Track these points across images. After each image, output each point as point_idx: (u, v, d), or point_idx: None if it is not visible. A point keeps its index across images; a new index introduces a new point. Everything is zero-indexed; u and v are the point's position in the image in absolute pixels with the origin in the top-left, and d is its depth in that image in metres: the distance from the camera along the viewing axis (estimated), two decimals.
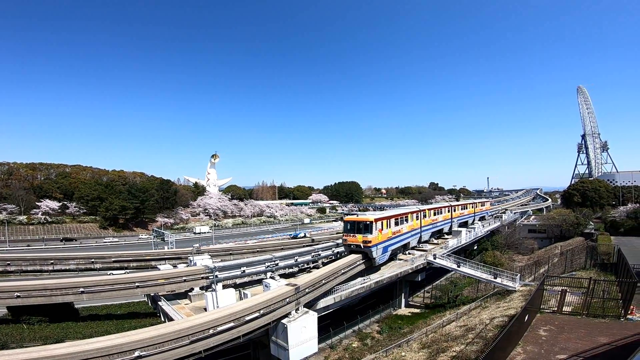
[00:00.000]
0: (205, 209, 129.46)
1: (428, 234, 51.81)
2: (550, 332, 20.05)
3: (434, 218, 53.89)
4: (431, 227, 52.55)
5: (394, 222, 40.32)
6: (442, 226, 57.87)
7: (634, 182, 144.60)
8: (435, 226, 54.08)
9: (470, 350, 19.72)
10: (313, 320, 24.78)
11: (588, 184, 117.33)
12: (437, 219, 54.98)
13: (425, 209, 51.55)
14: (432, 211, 53.74)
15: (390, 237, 38.87)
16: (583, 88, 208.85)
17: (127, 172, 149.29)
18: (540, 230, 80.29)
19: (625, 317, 21.99)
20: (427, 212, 51.43)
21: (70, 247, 77.87)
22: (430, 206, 56.80)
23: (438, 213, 55.83)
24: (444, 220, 58.42)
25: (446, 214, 59.42)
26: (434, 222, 53.69)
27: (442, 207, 58.66)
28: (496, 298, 32.55)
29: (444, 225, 58.26)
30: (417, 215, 47.63)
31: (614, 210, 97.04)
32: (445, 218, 58.68)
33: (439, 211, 56.32)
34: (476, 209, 76.98)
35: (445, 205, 62.01)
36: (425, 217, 50.37)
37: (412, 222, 45.72)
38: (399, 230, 41.60)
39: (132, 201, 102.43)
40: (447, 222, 59.80)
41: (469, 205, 73.39)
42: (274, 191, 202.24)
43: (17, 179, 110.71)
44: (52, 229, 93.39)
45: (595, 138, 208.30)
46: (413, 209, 48.29)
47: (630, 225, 71.88)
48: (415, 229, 47.06)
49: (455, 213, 62.95)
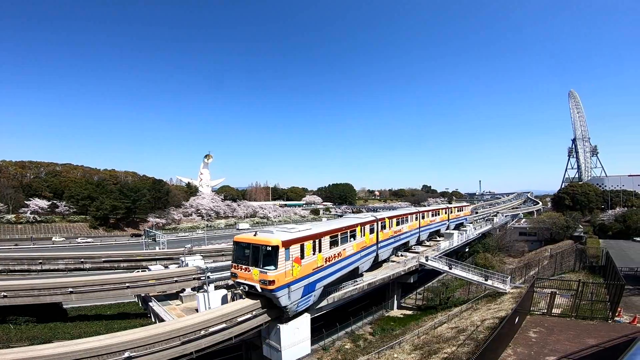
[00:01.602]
0: (197, 209, 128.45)
1: (388, 250, 40.32)
2: (540, 334, 20.29)
3: (397, 229, 42.82)
4: (392, 241, 41.51)
5: (329, 241, 27.62)
6: (407, 239, 46.62)
7: (622, 187, 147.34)
8: (398, 239, 43.16)
9: (461, 352, 19.87)
10: (306, 321, 24.75)
11: (578, 187, 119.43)
12: (400, 230, 43.76)
13: (385, 217, 39.93)
14: (395, 220, 42.28)
15: (320, 268, 25.98)
16: (574, 92, 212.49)
17: (118, 171, 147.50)
18: (530, 233, 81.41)
19: (613, 319, 22.35)
20: (388, 222, 40.09)
21: (59, 246, 76.60)
22: (392, 213, 44.00)
23: (402, 222, 44.74)
24: (410, 231, 47.34)
25: (413, 222, 48.29)
26: (396, 235, 42.55)
27: (407, 215, 46.51)
28: (487, 300, 32.85)
29: (409, 237, 47.18)
30: (371, 226, 36.03)
31: (603, 213, 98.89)
32: (411, 228, 47.70)
33: (403, 219, 44.98)
34: (451, 214, 66.55)
35: (411, 211, 49.17)
36: (385, 229, 39.28)
37: (362, 237, 33.75)
38: (339, 253, 29.06)
39: (124, 201, 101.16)
40: (413, 233, 48.72)
41: (442, 210, 62.93)
42: (267, 192, 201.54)
43: (6, 177, 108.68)
44: (41, 228, 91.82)
45: (585, 142, 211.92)
46: (365, 219, 35.78)
47: (618, 229, 73.32)
48: (367, 246, 35.12)
49: (424, 221, 52.58)
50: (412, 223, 47.72)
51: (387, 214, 42.37)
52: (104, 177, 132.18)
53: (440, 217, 61.08)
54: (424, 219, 52.59)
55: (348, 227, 31.30)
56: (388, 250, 40.38)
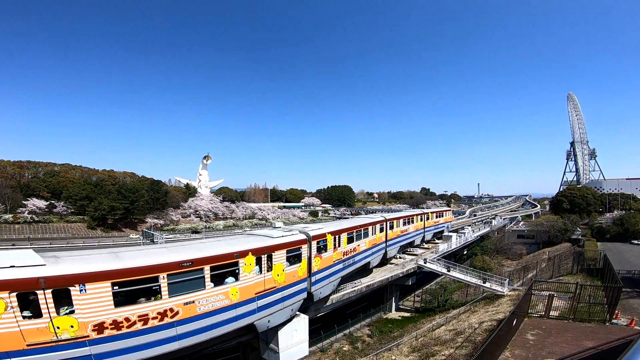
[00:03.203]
0: (196, 210, 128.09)
1: (329, 286, 26.27)
2: (537, 336, 20.31)
3: (351, 247, 29.49)
4: (341, 268, 27.86)
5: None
6: (367, 259, 34.45)
7: (620, 190, 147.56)
8: (350, 264, 29.63)
9: (459, 354, 19.88)
10: (304, 323, 24.69)
11: (576, 190, 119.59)
12: (356, 249, 30.66)
13: (334, 230, 26.89)
14: (345, 234, 28.64)
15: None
16: (573, 95, 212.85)
17: (117, 172, 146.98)
18: (529, 236, 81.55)
19: (611, 321, 22.40)
20: (334, 238, 26.65)
21: (59, 246, 76.29)
22: (345, 224, 30.93)
23: (360, 236, 32.03)
24: (373, 247, 35.48)
25: (376, 235, 36.07)
26: (348, 257, 29.02)
27: (366, 225, 33.80)
28: (485, 302, 32.89)
29: (371, 256, 35.11)
30: (308, 247, 23.16)
31: (601, 216, 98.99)
32: (374, 243, 35.61)
33: (361, 233, 32.35)
34: (427, 222, 55.22)
35: (374, 220, 36.64)
36: (337, 247, 27.07)
37: (279, 269, 20.50)
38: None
39: (122, 201, 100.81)
40: (377, 250, 36.73)
41: (415, 217, 51.00)
42: (266, 194, 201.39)
43: (4, 177, 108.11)
44: (39, 228, 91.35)
45: (583, 145, 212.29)
46: (295, 238, 22.23)
47: (616, 232, 73.51)
48: (295, 282, 22.13)
49: (393, 232, 41.59)
50: (373, 237, 35.60)
51: (336, 225, 29.78)
52: (103, 177, 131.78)
53: (415, 225, 50.98)
54: (393, 230, 41.99)
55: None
56: (328, 286, 26.88)
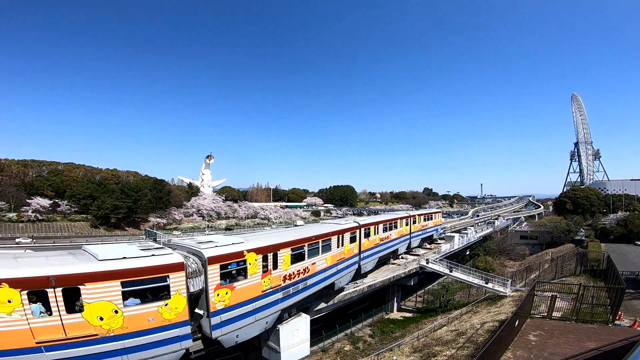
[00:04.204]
0: (198, 209, 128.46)
1: (252, 328, 19.44)
2: (539, 337, 20.23)
3: (300, 268, 22.84)
4: (274, 301, 20.72)
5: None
6: (331, 279, 27.11)
7: (624, 191, 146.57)
8: (297, 291, 22.75)
9: (461, 355, 19.84)
10: (305, 323, 24.72)
11: (580, 191, 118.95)
12: (307, 270, 23.65)
13: (264, 245, 20.15)
14: (285, 250, 21.70)
15: None
16: (577, 95, 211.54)
17: (120, 171, 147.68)
18: (531, 237, 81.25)
19: (613, 322, 22.27)
20: (267, 256, 20.15)
21: (61, 245, 76.75)
22: (288, 234, 23.44)
23: (316, 251, 24.75)
24: (340, 263, 28.25)
25: (344, 247, 28.73)
26: (293, 282, 22.29)
27: (327, 235, 26.40)
28: (487, 303, 32.79)
29: (336, 275, 27.89)
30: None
31: (605, 217, 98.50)
32: (340, 257, 28.17)
33: (318, 245, 25.06)
34: (413, 226, 47.22)
35: (341, 227, 28.89)
36: (271, 269, 20.33)
37: None
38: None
39: (125, 200, 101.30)
40: (346, 266, 29.45)
41: (399, 221, 42.75)
42: (268, 193, 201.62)
43: (8, 175, 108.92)
44: (43, 227, 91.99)
45: (587, 146, 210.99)
46: None
47: (620, 233, 73.09)
48: None
49: (370, 240, 33.75)
50: (337, 252, 27.73)
51: (287, 234, 23.39)
52: (106, 176, 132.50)
53: (399, 230, 42.69)
54: (369, 238, 33.50)
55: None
56: (268, 321, 20.83)
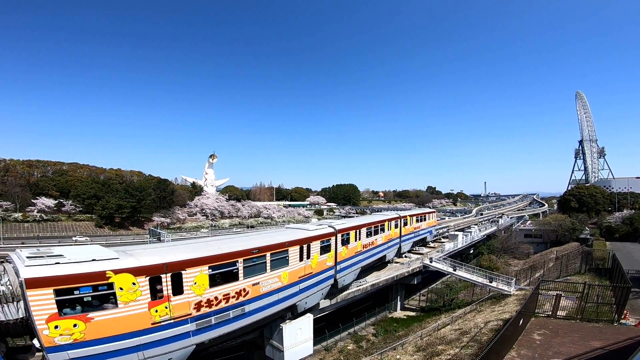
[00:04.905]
0: (202, 209, 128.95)
1: (170, 357, 14.40)
2: (544, 336, 20.13)
3: (237, 288, 17.41)
4: (213, 324, 16.12)
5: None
6: (285, 301, 21.64)
7: (629, 189, 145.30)
8: (234, 319, 17.46)
9: (464, 354, 19.77)
10: (309, 322, 24.72)
11: (584, 189, 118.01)
12: (246, 292, 17.96)
13: (180, 260, 14.88)
14: (236, 264, 17.39)
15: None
16: (581, 93, 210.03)
17: (124, 170, 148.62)
18: (536, 235, 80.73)
19: (619, 321, 22.13)
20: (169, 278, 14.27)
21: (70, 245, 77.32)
22: (229, 244, 18.27)
23: (262, 267, 19.31)
24: (305, 281, 23.22)
25: (312, 258, 23.92)
26: (228, 303, 16.97)
27: (282, 245, 21.10)
28: (491, 302, 32.65)
29: (298, 295, 22.75)
30: None
31: (610, 216, 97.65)
32: (304, 273, 23.06)
33: (278, 257, 20.62)
34: (405, 228, 42.78)
35: (309, 235, 24.10)
36: (171, 295, 14.37)
37: None
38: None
39: (129, 200, 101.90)
40: (315, 282, 24.57)
41: (387, 224, 37.82)
42: (271, 192, 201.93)
43: (13, 175, 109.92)
44: (48, 227, 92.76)
45: (592, 144, 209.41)
46: None
47: (625, 231, 72.41)
48: None
49: (348, 248, 28.80)
50: (299, 268, 22.47)
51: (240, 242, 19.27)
52: (110, 176, 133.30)
53: (387, 234, 38.06)
54: (348, 245, 28.76)
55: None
56: None
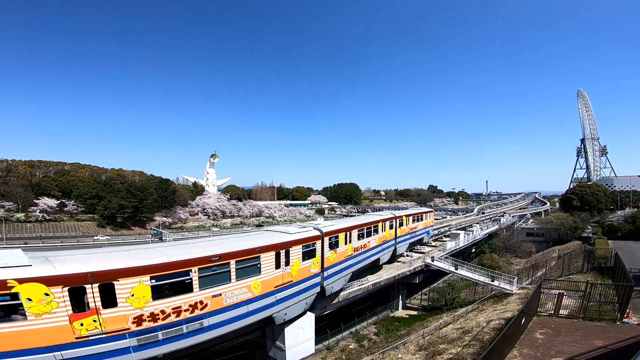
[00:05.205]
0: (203, 208, 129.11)
1: None
2: (546, 335, 20.07)
3: (191, 300, 15.54)
4: (160, 340, 14.57)
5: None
6: (257, 313, 19.26)
7: (632, 187, 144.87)
8: (188, 334, 15.59)
9: (466, 353, 19.74)
10: (310, 321, 24.79)
11: (586, 188, 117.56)
12: (204, 305, 16.04)
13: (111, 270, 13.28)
14: (189, 274, 15.48)
15: None
16: (583, 92, 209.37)
17: (126, 170, 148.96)
18: (538, 234, 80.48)
19: (621, 320, 22.04)
20: None
21: (69, 245, 77.64)
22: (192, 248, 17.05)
23: (220, 278, 16.95)
24: (275, 293, 20.41)
25: (291, 266, 21.72)
26: (180, 317, 15.13)
27: (269, 248, 19.96)
28: (493, 301, 32.59)
29: (269, 309, 20.15)
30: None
31: (612, 214, 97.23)
32: (276, 285, 20.45)
33: (232, 271, 17.48)
34: (400, 229, 40.46)
35: (290, 238, 21.97)
36: None
37: None
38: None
39: (131, 200, 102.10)
40: (291, 294, 21.98)
41: (382, 224, 35.89)
42: (272, 192, 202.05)
43: (16, 176, 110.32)
44: (50, 227, 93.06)
45: (594, 142, 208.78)
46: None
47: (628, 230, 72.01)
48: None
49: (337, 253, 27.06)
50: (270, 276, 20.01)
51: None
52: (112, 176, 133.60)
53: (381, 235, 35.86)
54: (337, 249, 26.97)
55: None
56: None
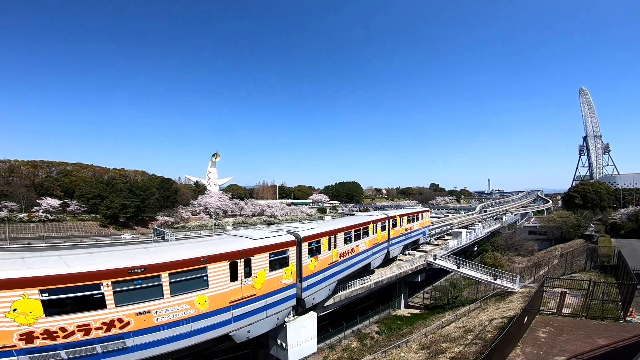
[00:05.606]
0: (205, 208, 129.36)
1: None
2: (549, 334, 20.03)
3: (105, 318, 12.93)
4: None
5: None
6: (199, 334, 16.05)
7: (635, 185, 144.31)
8: None
9: (469, 352, 19.73)
10: (312, 320, 24.78)
11: (589, 186, 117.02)
12: (125, 323, 13.41)
13: None
14: (100, 287, 12.82)
15: None
16: (585, 90, 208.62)
17: (128, 170, 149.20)
18: (540, 232, 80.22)
19: (624, 319, 21.96)
20: None
21: (73, 244, 77.94)
22: None
23: (152, 293, 14.24)
24: (232, 309, 17.40)
25: (258, 273, 18.86)
26: (81, 337, 12.46)
27: (222, 256, 16.99)
28: (496, 299, 32.55)
29: (223, 327, 17.12)
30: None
31: (615, 212, 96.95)
32: (232, 300, 17.41)
33: (164, 285, 14.53)
34: (393, 230, 38.08)
35: (256, 245, 19.03)
36: None
37: None
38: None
39: (133, 200, 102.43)
40: (250, 312, 18.59)
41: (372, 226, 33.18)
42: (274, 191, 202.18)
43: (18, 176, 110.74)
44: (53, 227, 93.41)
45: (597, 140, 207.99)
46: None
47: (631, 228, 71.66)
48: None
49: (319, 260, 24.62)
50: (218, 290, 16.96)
51: None
52: (114, 176, 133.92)
53: (372, 238, 33.20)
54: (319, 255, 24.68)
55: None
56: None
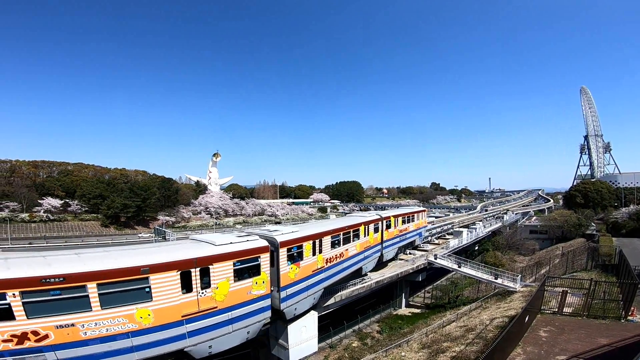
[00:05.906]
0: (206, 207, 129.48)
1: None
2: (550, 333, 20.01)
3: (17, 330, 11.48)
4: None
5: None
6: None
7: (636, 184, 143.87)
8: None
9: (470, 351, 19.73)
10: (313, 319, 24.83)
11: (590, 185, 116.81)
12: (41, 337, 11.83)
13: None
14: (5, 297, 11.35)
15: None
16: (586, 89, 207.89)
17: (129, 170, 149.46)
18: (541, 231, 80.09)
19: (626, 318, 21.93)
20: None
21: (77, 244, 78.06)
22: None
23: (90, 303, 12.85)
24: (198, 318, 16.09)
25: (194, 295, 15.91)
26: None
27: (182, 264, 15.58)
28: (497, 299, 32.53)
29: (180, 341, 15.50)
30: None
31: (616, 211, 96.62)
32: (185, 314, 15.54)
33: (84, 298, 12.79)
34: (387, 231, 37.10)
35: (214, 252, 17.06)
36: None
37: None
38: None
39: (134, 199, 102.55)
40: (207, 327, 16.57)
41: (363, 228, 31.96)
42: (275, 190, 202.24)
43: (20, 176, 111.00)
44: (54, 227, 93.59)
45: (597, 139, 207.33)
46: None
47: (632, 227, 71.53)
48: None
49: (301, 267, 22.73)
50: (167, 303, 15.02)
51: None
52: (115, 176, 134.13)
53: (363, 241, 32.01)
54: (301, 262, 22.79)
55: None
56: None
